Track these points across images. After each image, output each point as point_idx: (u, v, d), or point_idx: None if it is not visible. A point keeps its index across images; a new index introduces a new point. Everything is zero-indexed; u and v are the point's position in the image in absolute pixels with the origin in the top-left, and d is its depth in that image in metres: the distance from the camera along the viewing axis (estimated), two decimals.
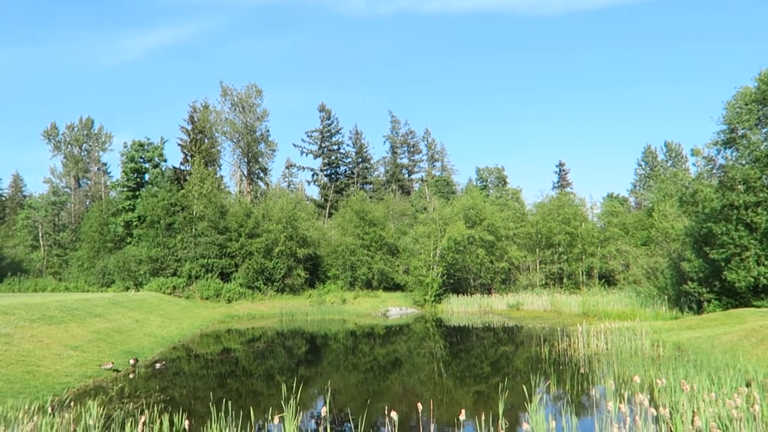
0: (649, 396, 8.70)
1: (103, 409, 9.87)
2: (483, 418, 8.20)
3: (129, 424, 8.53)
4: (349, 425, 11.11)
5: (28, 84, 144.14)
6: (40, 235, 64.00)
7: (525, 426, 7.05)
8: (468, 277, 50.29)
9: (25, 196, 79.89)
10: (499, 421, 8.20)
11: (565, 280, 52.28)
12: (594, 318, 32.12)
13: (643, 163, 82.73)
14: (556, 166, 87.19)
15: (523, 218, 58.02)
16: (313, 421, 11.60)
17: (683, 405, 8.86)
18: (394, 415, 7.48)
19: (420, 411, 8.10)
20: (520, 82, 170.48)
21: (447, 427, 10.76)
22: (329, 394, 9.59)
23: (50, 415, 9.38)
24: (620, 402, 8.69)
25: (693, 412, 9.17)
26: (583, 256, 51.81)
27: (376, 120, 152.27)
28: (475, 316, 39.67)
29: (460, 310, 44.27)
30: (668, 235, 40.57)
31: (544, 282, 51.53)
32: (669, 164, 79.53)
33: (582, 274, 52.17)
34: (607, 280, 51.52)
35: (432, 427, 9.79)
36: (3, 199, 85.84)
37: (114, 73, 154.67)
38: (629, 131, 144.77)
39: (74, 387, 14.59)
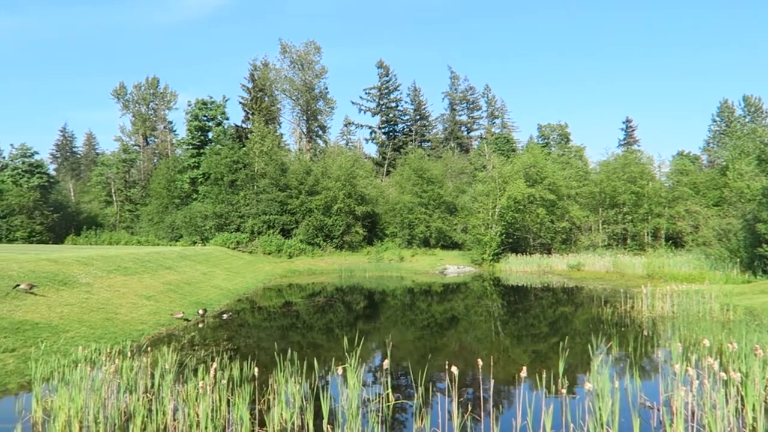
0: (718, 360, 8.42)
1: (177, 355, 10.47)
2: (544, 375, 8.19)
3: (201, 369, 9.02)
4: (406, 379, 11.36)
5: (99, 44, 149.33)
6: (113, 191, 67.32)
7: (587, 385, 7.00)
8: (527, 237, 49.57)
9: (98, 154, 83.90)
10: (560, 379, 8.15)
11: (629, 240, 50.71)
12: (659, 280, 31.14)
13: (718, 119, 78.01)
14: (623, 123, 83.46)
15: (587, 177, 56.28)
16: (371, 373, 11.92)
17: (755, 371, 8.54)
18: (454, 369, 7.57)
19: (480, 367, 8.16)
20: (586, 37, 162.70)
21: (503, 384, 10.83)
22: (390, 347, 9.79)
23: (130, 358, 10.03)
24: (687, 365, 8.46)
25: (766, 378, 8.84)
26: (649, 217, 49.95)
27: (434, 76, 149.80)
28: (533, 276, 39.25)
29: (518, 269, 43.88)
30: (743, 195, 38.37)
31: (606, 243, 50.14)
32: (747, 120, 74.55)
33: (647, 235, 50.43)
34: (675, 241, 49.62)
35: (491, 383, 9.87)
36: (78, 156, 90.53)
37: (178, 32, 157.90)
38: (703, 86, 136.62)
39: (149, 334, 15.50)
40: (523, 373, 7.22)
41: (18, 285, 15.63)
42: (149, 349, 12.88)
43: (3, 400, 9.35)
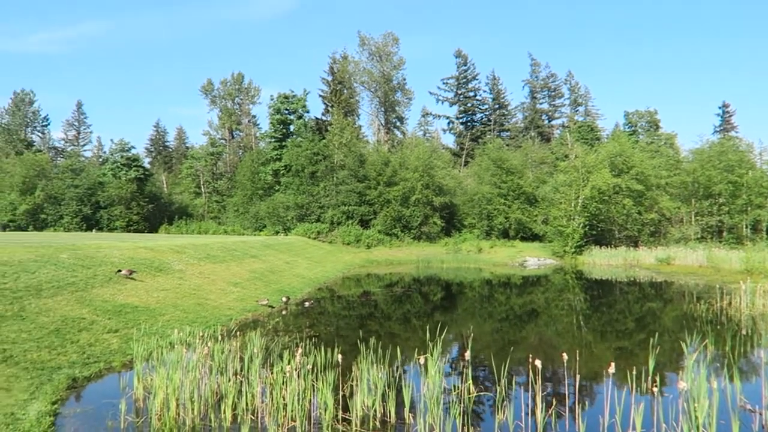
0: None
1: (263, 340, 10.90)
2: (634, 372, 7.87)
3: (286, 354, 9.35)
4: (485, 371, 11.26)
5: (188, 44, 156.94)
6: (201, 183, 70.77)
7: (681, 385, 6.65)
8: (612, 229, 47.62)
9: (188, 148, 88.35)
10: (650, 377, 7.81)
11: (725, 233, 47.55)
12: (760, 276, 28.97)
13: None
14: (719, 108, 78.10)
15: (678, 166, 53.26)
16: (449, 364, 11.89)
17: None
18: (538, 363, 7.42)
19: (565, 361, 7.95)
20: (677, 18, 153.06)
21: (586, 380, 10.50)
22: (470, 339, 9.74)
23: (220, 342, 10.56)
24: None
25: None
26: (749, 208, 46.59)
27: (514, 64, 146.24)
28: (619, 270, 37.66)
29: (602, 262, 42.24)
30: None
31: (699, 235, 47.28)
32: None
33: (746, 227, 47.09)
34: None
35: (577, 378, 9.60)
36: (170, 150, 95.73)
37: (261, 29, 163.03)
38: None
39: (236, 319, 16.22)
40: (612, 370, 6.97)
41: (119, 271, 16.82)
42: (237, 333, 13.49)
43: (108, 377, 10.11)
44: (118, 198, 59.31)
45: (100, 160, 78.61)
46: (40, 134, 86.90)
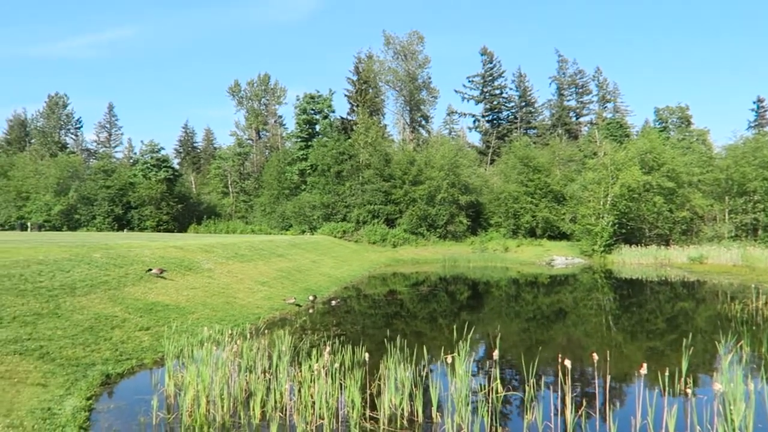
0: None
1: (292, 338, 10.99)
2: (666, 374, 7.71)
3: (315, 353, 9.41)
4: (511, 371, 11.17)
5: (215, 46, 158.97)
6: (229, 183, 71.69)
7: (716, 387, 6.49)
8: (642, 227, 46.79)
9: (215, 148, 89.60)
10: (683, 379, 7.65)
11: (760, 231, 46.28)
12: None
13: None
14: (754, 103, 76.00)
15: (711, 162, 52.00)
16: (475, 364, 11.82)
17: None
18: (567, 363, 7.33)
19: (594, 362, 7.84)
20: (708, 11, 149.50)
21: (616, 381, 10.35)
22: (498, 338, 9.67)
23: (249, 340, 10.68)
24: None
25: None
26: None
27: (541, 61, 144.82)
28: (649, 269, 36.99)
29: (632, 261, 41.55)
30: None
31: (733, 234, 46.13)
32: None
33: None
34: None
35: (607, 379, 9.47)
36: (198, 151, 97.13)
37: (287, 30, 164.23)
38: None
39: (264, 317, 16.38)
40: (643, 370, 6.84)
41: (150, 269, 17.13)
42: (265, 331, 13.63)
43: (140, 374, 10.31)
44: (149, 198, 60.42)
45: (131, 161, 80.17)
46: (73, 136, 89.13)
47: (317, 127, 64.27)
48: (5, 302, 11.32)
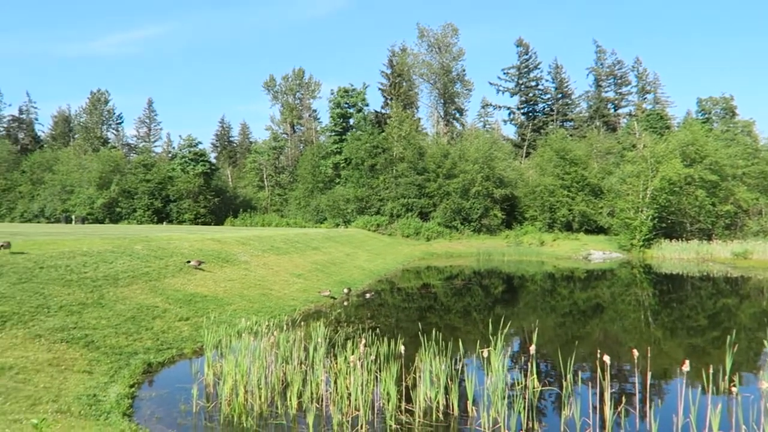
0: None
1: (327, 330, 11.09)
2: (710, 371, 7.50)
3: (350, 344, 9.48)
4: (546, 366, 11.04)
5: (251, 41, 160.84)
6: (264, 176, 72.56)
7: (763, 384, 6.29)
8: (683, 221, 45.56)
9: (251, 143, 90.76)
10: (727, 376, 7.43)
11: None
12: None
13: None
14: None
15: (756, 155, 50.31)
16: (510, 359, 11.72)
17: None
18: (606, 358, 7.21)
19: (634, 358, 7.68)
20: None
21: (656, 379, 10.13)
22: (535, 333, 9.56)
23: (285, 331, 10.83)
24: None
25: None
26: None
27: (578, 52, 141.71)
28: (690, 264, 36.05)
29: (672, 256, 40.53)
30: None
31: None
32: None
33: None
34: None
35: (645, 377, 9.27)
36: (234, 145, 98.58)
37: (321, 24, 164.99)
38: None
39: (300, 309, 16.58)
40: (686, 368, 6.68)
41: (189, 261, 17.51)
42: (301, 323, 13.79)
43: (180, 363, 10.57)
44: (187, 192, 61.61)
45: (170, 155, 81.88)
46: (114, 132, 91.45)
47: (351, 121, 64.47)
48: (52, 292, 11.72)
